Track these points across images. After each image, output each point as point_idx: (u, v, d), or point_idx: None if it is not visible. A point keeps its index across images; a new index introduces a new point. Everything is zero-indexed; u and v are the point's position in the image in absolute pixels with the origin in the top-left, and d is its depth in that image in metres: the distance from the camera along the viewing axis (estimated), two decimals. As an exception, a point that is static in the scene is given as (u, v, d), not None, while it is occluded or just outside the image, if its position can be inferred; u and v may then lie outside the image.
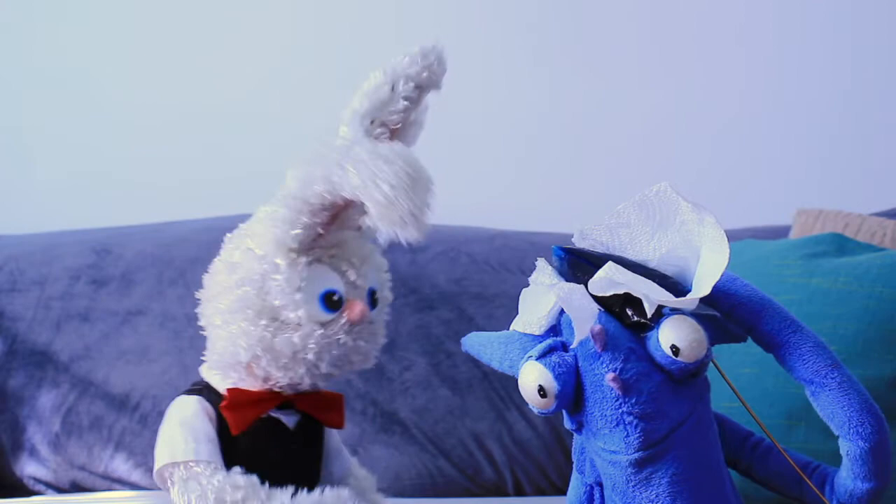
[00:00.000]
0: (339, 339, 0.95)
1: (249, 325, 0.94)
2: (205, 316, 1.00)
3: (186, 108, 1.95)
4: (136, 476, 1.53)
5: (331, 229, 0.95)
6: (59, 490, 1.54)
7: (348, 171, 0.86)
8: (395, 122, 1.00)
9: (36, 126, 1.97)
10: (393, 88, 0.99)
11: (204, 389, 1.00)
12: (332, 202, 0.91)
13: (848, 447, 0.86)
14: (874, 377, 1.18)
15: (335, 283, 0.95)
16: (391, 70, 0.99)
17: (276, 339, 0.94)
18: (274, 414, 0.99)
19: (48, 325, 1.62)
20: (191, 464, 0.94)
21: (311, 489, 0.97)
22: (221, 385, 0.99)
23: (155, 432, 1.53)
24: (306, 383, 0.97)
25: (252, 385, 0.98)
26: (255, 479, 0.93)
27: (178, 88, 1.96)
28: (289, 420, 1.00)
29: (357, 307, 0.95)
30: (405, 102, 0.99)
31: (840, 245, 1.33)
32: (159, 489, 1.49)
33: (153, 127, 1.96)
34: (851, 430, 0.85)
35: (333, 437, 1.06)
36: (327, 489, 0.94)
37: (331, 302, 0.94)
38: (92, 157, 1.97)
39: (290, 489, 0.93)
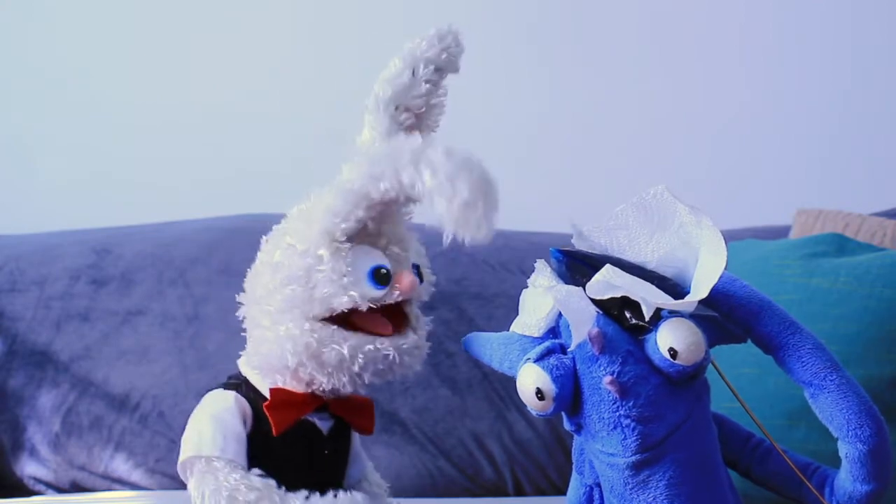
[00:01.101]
0: (387, 353, 0.94)
1: (296, 328, 0.93)
2: (250, 318, 0.98)
3: (186, 108, 1.95)
4: (136, 476, 1.53)
5: (375, 221, 0.95)
6: (59, 490, 1.54)
7: (423, 173, 0.85)
8: (418, 107, 1.00)
9: (36, 126, 1.97)
10: (413, 73, 0.99)
11: (242, 385, 0.99)
12: (391, 199, 0.90)
13: (847, 450, 0.86)
14: (874, 377, 1.18)
15: (381, 259, 0.94)
16: (409, 55, 1.00)
17: (324, 349, 0.93)
18: (310, 418, 0.98)
19: (48, 325, 1.62)
20: (213, 459, 0.93)
21: (341, 489, 0.97)
22: (262, 384, 0.98)
23: (155, 432, 1.54)
24: (347, 390, 0.97)
25: (295, 387, 0.97)
26: (271, 482, 0.92)
27: (178, 88, 1.97)
28: (323, 424, 0.99)
29: (406, 278, 0.94)
30: (427, 86, 1.00)
31: (840, 245, 1.34)
32: (159, 489, 1.51)
33: (153, 127, 1.96)
34: (850, 433, 0.85)
35: (355, 439, 1.06)
36: (341, 493, 0.93)
37: (380, 276, 0.93)
38: (92, 157, 1.97)
39: (304, 493, 0.92)
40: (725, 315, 0.90)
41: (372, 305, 0.93)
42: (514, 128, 1.98)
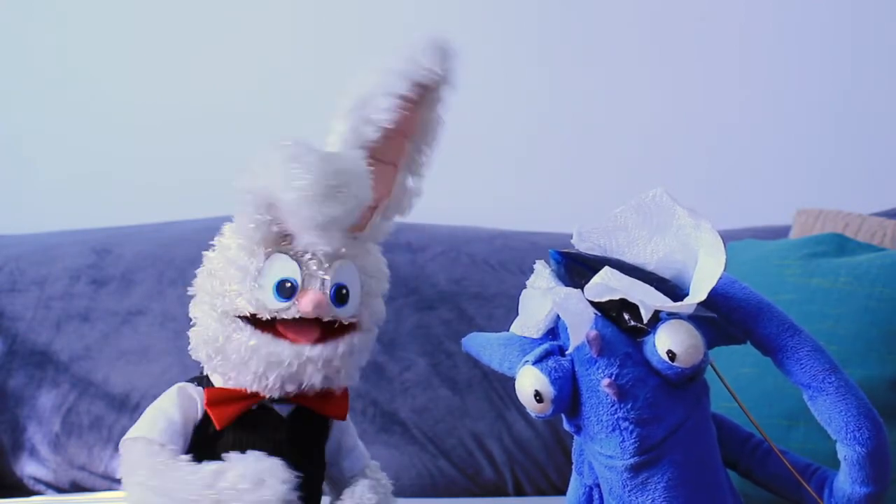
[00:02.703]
0: (282, 360, 0.94)
1: (208, 318, 0.96)
2: (191, 313, 1.01)
3: (186, 109, 1.95)
4: (135, 476, 1.53)
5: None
6: (59, 490, 1.54)
7: (258, 174, 0.88)
8: (387, 122, 0.98)
9: (36, 127, 1.97)
10: (384, 87, 0.97)
11: (204, 378, 1.01)
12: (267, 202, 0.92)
13: (846, 452, 0.86)
14: (874, 377, 1.18)
15: (292, 272, 0.95)
16: (384, 68, 0.98)
17: (228, 344, 0.94)
18: (267, 403, 0.98)
19: (48, 325, 1.62)
20: (136, 439, 0.95)
21: (309, 478, 0.97)
22: (216, 378, 1.00)
23: (155, 433, 1.54)
24: (255, 389, 0.96)
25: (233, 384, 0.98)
26: (177, 456, 0.93)
27: (177, 89, 1.97)
28: (282, 408, 0.99)
29: (309, 296, 0.94)
30: (396, 101, 0.97)
31: (840, 245, 1.34)
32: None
33: (153, 127, 1.96)
34: (849, 436, 0.85)
35: (349, 433, 1.06)
36: (255, 452, 0.93)
37: (283, 289, 0.94)
38: (92, 157, 1.97)
39: (215, 464, 0.92)
40: (725, 317, 0.89)
41: (276, 316, 0.94)
42: (514, 128, 1.98)
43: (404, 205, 1.04)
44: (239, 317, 0.95)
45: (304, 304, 0.94)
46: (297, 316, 0.94)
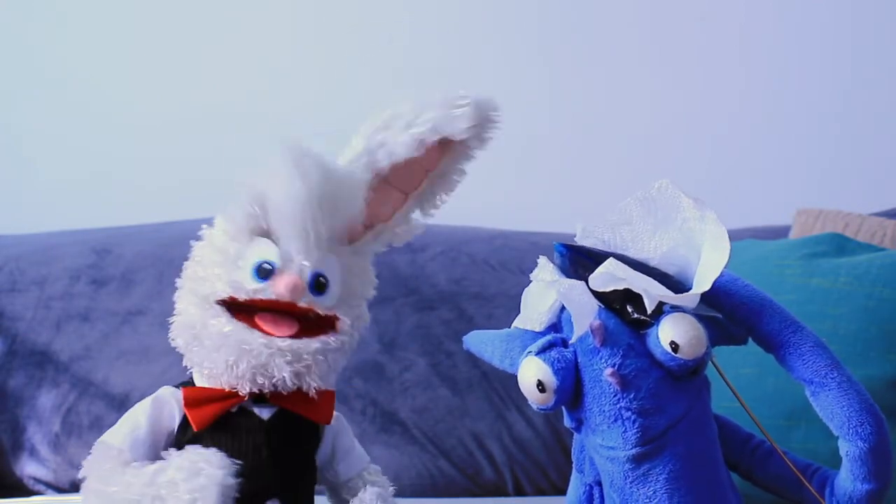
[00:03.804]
0: (254, 350, 0.92)
1: (191, 306, 0.95)
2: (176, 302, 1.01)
3: (186, 109, 1.96)
4: (135, 476, 1.53)
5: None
6: (59, 490, 1.54)
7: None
8: (401, 157, 0.98)
9: (36, 127, 1.97)
10: (410, 124, 0.98)
11: (189, 382, 0.99)
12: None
13: (847, 448, 0.86)
14: (874, 377, 1.18)
15: (272, 255, 0.95)
16: (420, 103, 0.99)
17: (203, 330, 0.94)
18: (248, 406, 0.97)
19: (48, 325, 1.62)
20: (101, 442, 0.95)
21: (299, 482, 0.97)
22: (198, 379, 0.98)
23: (155, 432, 1.54)
24: (245, 385, 0.95)
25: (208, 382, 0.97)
26: (135, 464, 0.93)
27: (177, 89, 1.97)
28: (262, 411, 0.97)
29: (285, 279, 0.94)
30: (418, 141, 0.98)
31: (840, 245, 1.34)
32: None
33: (153, 127, 1.96)
34: (851, 431, 0.85)
35: (344, 435, 1.04)
36: (194, 447, 0.92)
37: (262, 271, 0.94)
38: (92, 157, 1.97)
39: (158, 464, 0.92)
40: (728, 314, 0.90)
41: (254, 298, 0.93)
42: (515, 128, 1.97)
43: (401, 235, 1.03)
44: (218, 303, 0.94)
45: (279, 286, 0.93)
46: (272, 297, 0.94)
